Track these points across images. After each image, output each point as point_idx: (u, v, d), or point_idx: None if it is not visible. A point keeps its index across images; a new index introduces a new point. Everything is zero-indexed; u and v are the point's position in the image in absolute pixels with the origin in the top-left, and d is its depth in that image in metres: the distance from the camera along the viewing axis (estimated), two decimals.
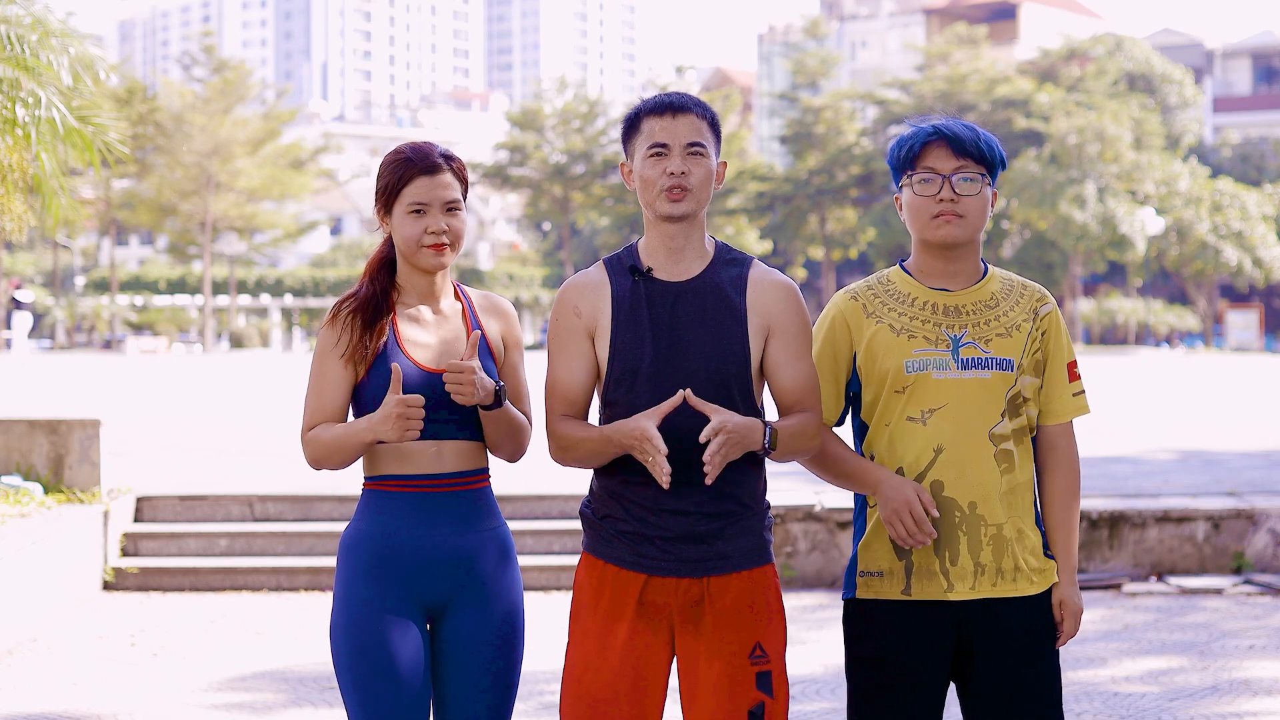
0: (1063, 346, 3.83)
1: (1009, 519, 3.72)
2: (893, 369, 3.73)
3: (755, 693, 3.60)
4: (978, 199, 3.75)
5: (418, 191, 3.77)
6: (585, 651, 3.65)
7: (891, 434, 3.74)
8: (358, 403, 3.81)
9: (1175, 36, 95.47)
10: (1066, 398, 3.82)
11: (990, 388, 3.72)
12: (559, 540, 10.38)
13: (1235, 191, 72.83)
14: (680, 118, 3.62)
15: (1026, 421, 3.77)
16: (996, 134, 75.36)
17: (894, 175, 3.83)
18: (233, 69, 75.11)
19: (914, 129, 3.78)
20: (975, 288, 3.80)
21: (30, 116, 10.49)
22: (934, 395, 3.71)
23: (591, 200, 79.77)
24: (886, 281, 3.85)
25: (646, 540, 3.61)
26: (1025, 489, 3.76)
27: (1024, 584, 3.74)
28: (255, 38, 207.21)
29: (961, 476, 3.69)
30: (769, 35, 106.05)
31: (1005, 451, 3.72)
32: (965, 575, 3.70)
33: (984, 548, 3.70)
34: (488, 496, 3.87)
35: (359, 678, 3.72)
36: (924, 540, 3.62)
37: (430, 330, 3.82)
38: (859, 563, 3.80)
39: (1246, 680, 7.48)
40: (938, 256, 3.79)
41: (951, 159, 3.73)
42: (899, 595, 3.73)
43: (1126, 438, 17.70)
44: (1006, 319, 3.77)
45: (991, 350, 3.74)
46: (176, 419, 20.90)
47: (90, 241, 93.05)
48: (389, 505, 3.77)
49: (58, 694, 7.29)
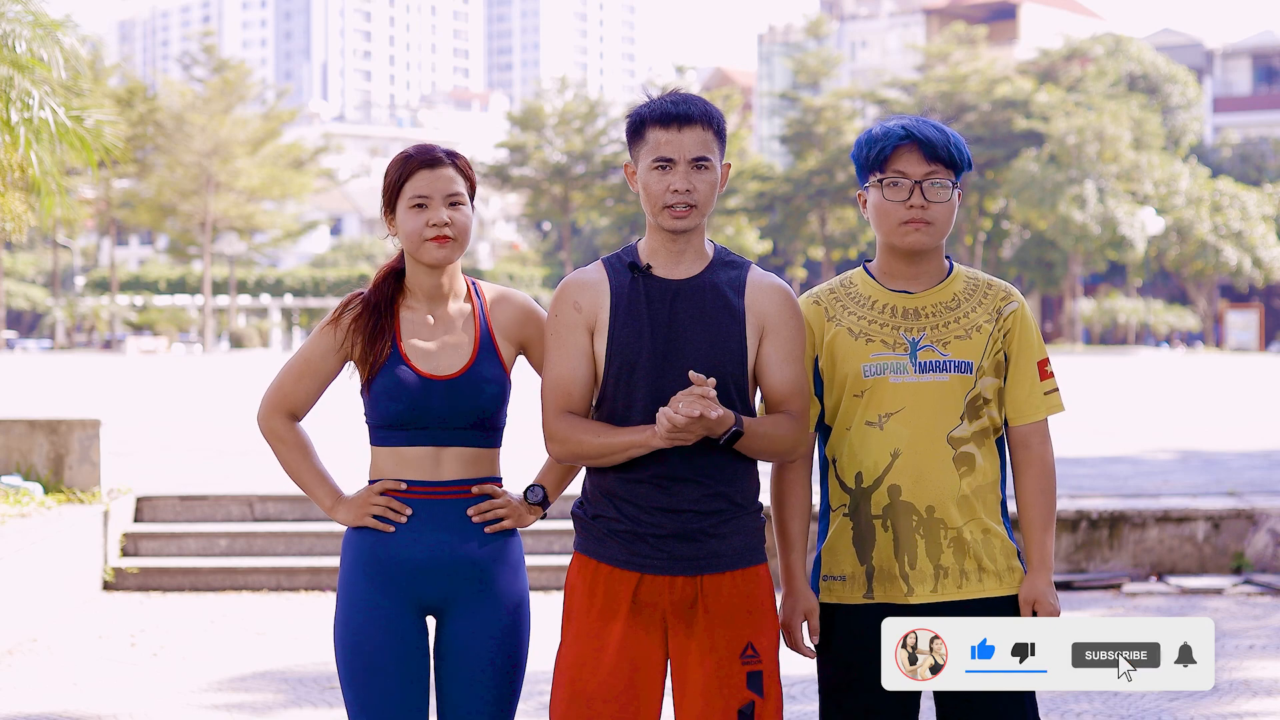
0: (1031, 345, 3.80)
1: (970, 521, 3.72)
2: (851, 373, 3.73)
3: (745, 692, 3.60)
4: (946, 205, 3.73)
5: (419, 185, 3.77)
6: (578, 651, 3.64)
7: (851, 438, 3.74)
8: (365, 403, 3.83)
9: (1175, 36, 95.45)
10: (1037, 396, 3.79)
11: (949, 391, 3.71)
12: (559, 540, 10.39)
13: (1235, 191, 72.86)
14: (686, 130, 3.60)
15: (989, 423, 3.76)
16: (996, 134, 76.00)
17: (859, 173, 3.81)
18: (233, 69, 75.14)
19: (884, 129, 3.75)
20: (937, 289, 3.78)
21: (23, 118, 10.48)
22: (891, 399, 3.71)
23: (591, 200, 79.80)
24: (849, 284, 3.84)
25: (640, 539, 3.61)
26: (990, 490, 3.75)
27: (991, 584, 3.74)
28: (255, 38, 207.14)
29: (919, 481, 3.69)
30: (769, 35, 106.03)
31: (965, 454, 3.72)
32: (925, 578, 3.71)
33: (944, 550, 3.70)
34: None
35: (356, 677, 3.74)
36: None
37: (433, 335, 3.82)
38: (822, 566, 3.81)
39: (1246, 680, 7.47)
40: (902, 259, 3.78)
41: (923, 164, 3.71)
42: (860, 599, 3.74)
43: (1126, 438, 17.70)
44: (967, 320, 3.76)
45: (950, 353, 3.73)
46: (176, 419, 20.90)
47: (90, 241, 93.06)
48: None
49: (58, 694, 7.29)
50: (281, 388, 3.87)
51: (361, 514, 3.77)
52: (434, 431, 3.75)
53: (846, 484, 3.77)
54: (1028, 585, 3.77)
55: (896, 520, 3.71)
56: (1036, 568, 3.78)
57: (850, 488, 3.76)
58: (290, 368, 3.87)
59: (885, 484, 3.71)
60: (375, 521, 3.75)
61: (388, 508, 3.75)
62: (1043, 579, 3.77)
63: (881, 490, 3.71)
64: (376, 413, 3.78)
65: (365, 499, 3.78)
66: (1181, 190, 72.64)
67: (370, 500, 3.77)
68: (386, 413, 3.75)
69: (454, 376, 3.76)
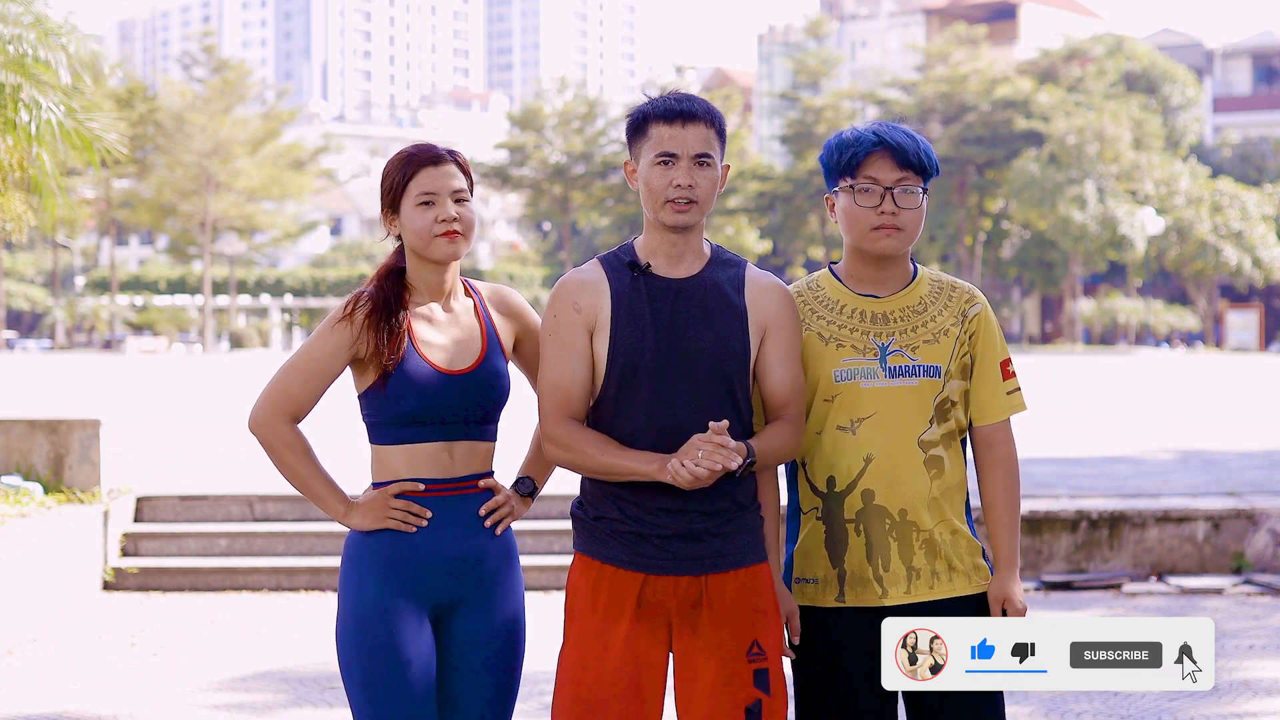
0: (994, 346, 3.83)
1: (940, 522, 3.75)
2: (822, 378, 3.75)
3: (752, 690, 3.61)
4: (916, 211, 3.76)
5: (425, 182, 3.77)
6: (582, 652, 3.63)
7: (822, 443, 3.76)
8: (374, 400, 3.78)
9: (1175, 36, 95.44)
10: (1000, 397, 3.82)
11: (918, 395, 3.74)
12: (559, 540, 10.38)
13: (1235, 191, 72.85)
14: (689, 127, 3.61)
15: (955, 425, 3.79)
16: (996, 134, 76.02)
17: (828, 177, 3.82)
18: (233, 69, 75.15)
19: (855, 134, 3.77)
20: (903, 293, 3.80)
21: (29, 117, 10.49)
22: (863, 404, 3.73)
23: (591, 200, 79.80)
24: (816, 287, 3.85)
25: (644, 539, 3.61)
26: (957, 491, 3.79)
27: (960, 583, 3.76)
28: (255, 38, 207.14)
29: (892, 485, 3.71)
30: (769, 35, 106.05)
31: (935, 458, 3.75)
32: (898, 580, 3.73)
33: (916, 552, 3.73)
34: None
35: (371, 680, 3.69)
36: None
37: (443, 330, 3.81)
38: (794, 568, 3.82)
39: (1246, 680, 7.47)
40: (871, 264, 3.80)
41: (894, 170, 3.73)
42: (833, 603, 3.75)
43: (1126, 438, 17.70)
44: (934, 324, 3.78)
45: (919, 357, 3.75)
46: (176, 419, 20.91)
47: (90, 241, 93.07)
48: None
49: (58, 694, 7.29)
50: (286, 389, 3.78)
51: (379, 519, 3.73)
52: (448, 427, 3.75)
53: (818, 487, 3.78)
54: (996, 584, 3.80)
55: (869, 524, 3.73)
56: (1004, 566, 3.81)
57: (822, 491, 3.77)
58: (295, 368, 3.78)
59: (859, 488, 3.73)
60: (396, 524, 3.72)
61: (407, 511, 3.73)
62: (1010, 577, 3.80)
63: (855, 494, 3.73)
64: (390, 410, 3.74)
65: (382, 503, 3.74)
66: (1181, 190, 72.63)
67: (388, 504, 3.73)
68: (402, 410, 3.72)
69: (469, 371, 3.77)
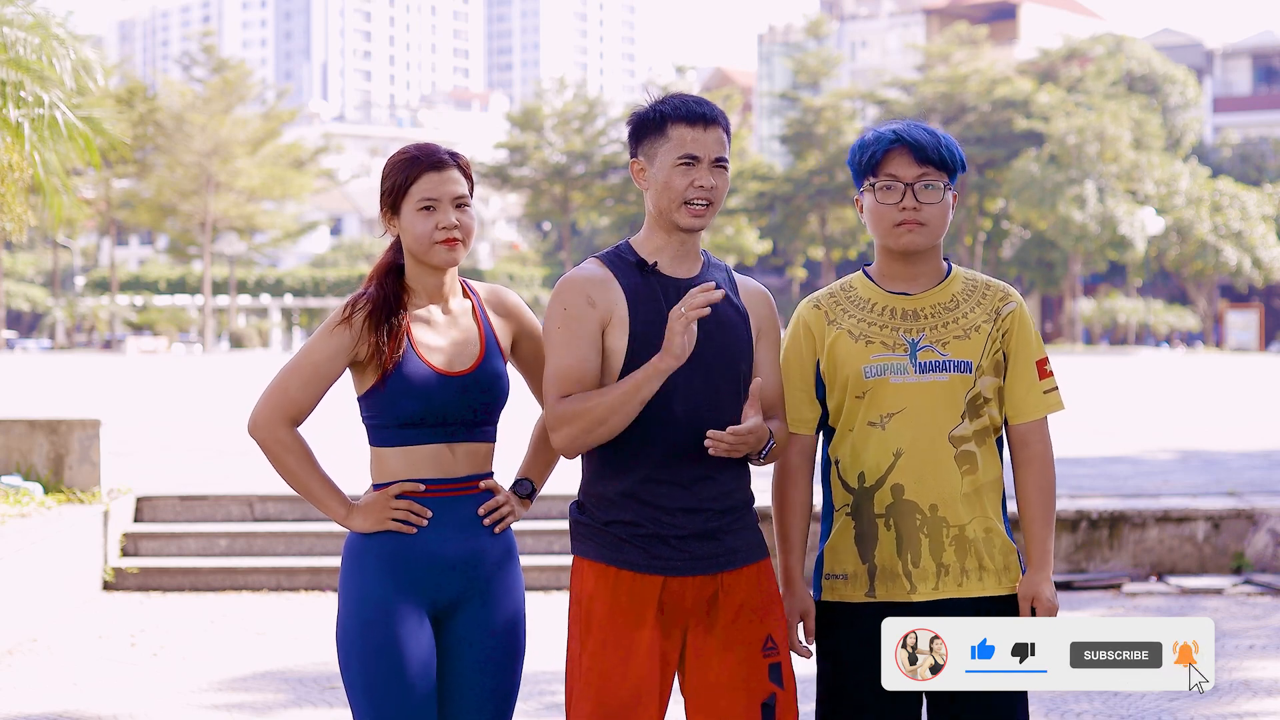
0: (1029, 344, 3.84)
1: (973, 519, 3.75)
2: (852, 375, 3.77)
3: (768, 684, 3.64)
4: (939, 206, 3.77)
5: (427, 188, 3.76)
6: (605, 661, 3.59)
7: (853, 439, 3.78)
8: (374, 402, 3.77)
9: (1175, 36, 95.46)
10: (1036, 395, 3.83)
11: (949, 390, 3.75)
12: (559, 540, 10.38)
13: (1235, 191, 72.87)
14: (710, 130, 3.65)
15: (989, 421, 3.79)
16: (996, 134, 76.03)
17: (855, 178, 3.87)
18: (233, 69, 75.18)
19: (875, 134, 3.81)
20: (936, 290, 3.83)
21: (28, 116, 10.49)
22: (893, 400, 3.75)
23: (591, 200, 79.83)
24: (849, 288, 3.89)
25: (661, 541, 3.61)
26: (991, 488, 3.79)
27: (990, 583, 3.76)
28: (255, 38, 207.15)
29: (921, 480, 3.73)
30: (769, 35, 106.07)
31: (967, 453, 3.75)
32: (928, 576, 3.73)
33: (946, 549, 3.73)
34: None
35: (372, 680, 3.68)
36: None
37: (442, 332, 3.81)
38: (824, 565, 3.84)
39: (1246, 680, 7.47)
40: (899, 261, 3.83)
41: (914, 166, 3.75)
42: (863, 598, 3.76)
43: (1126, 438, 17.70)
44: (966, 320, 3.80)
45: (949, 353, 3.77)
46: (176, 419, 20.91)
47: (90, 241, 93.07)
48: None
49: (58, 694, 7.29)
50: (286, 393, 3.76)
51: (381, 520, 3.73)
52: (448, 428, 3.75)
53: (849, 484, 3.80)
54: (1027, 582, 3.79)
55: (899, 519, 3.74)
56: (1037, 565, 3.80)
57: (853, 487, 3.79)
58: (295, 372, 3.77)
59: (888, 483, 3.74)
60: (398, 525, 3.72)
61: (409, 511, 3.73)
62: (1042, 576, 3.79)
63: (884, 489, 3.75)
64: (390, 412, 3.74)
65: (383, 504, 3.73)
66: (1181, 190, 72.64)
67: (389, 505, 3.73)
68: (402, 411, 3.72)
69: (468, 372, 3.77)
